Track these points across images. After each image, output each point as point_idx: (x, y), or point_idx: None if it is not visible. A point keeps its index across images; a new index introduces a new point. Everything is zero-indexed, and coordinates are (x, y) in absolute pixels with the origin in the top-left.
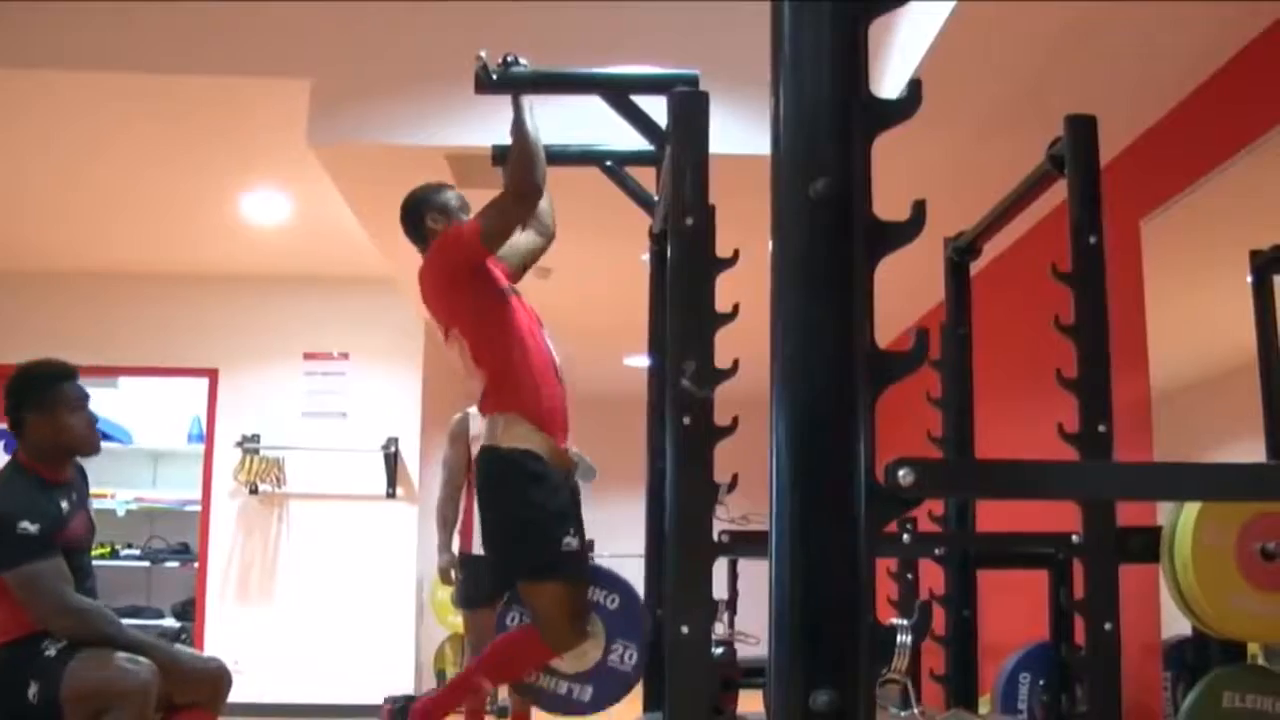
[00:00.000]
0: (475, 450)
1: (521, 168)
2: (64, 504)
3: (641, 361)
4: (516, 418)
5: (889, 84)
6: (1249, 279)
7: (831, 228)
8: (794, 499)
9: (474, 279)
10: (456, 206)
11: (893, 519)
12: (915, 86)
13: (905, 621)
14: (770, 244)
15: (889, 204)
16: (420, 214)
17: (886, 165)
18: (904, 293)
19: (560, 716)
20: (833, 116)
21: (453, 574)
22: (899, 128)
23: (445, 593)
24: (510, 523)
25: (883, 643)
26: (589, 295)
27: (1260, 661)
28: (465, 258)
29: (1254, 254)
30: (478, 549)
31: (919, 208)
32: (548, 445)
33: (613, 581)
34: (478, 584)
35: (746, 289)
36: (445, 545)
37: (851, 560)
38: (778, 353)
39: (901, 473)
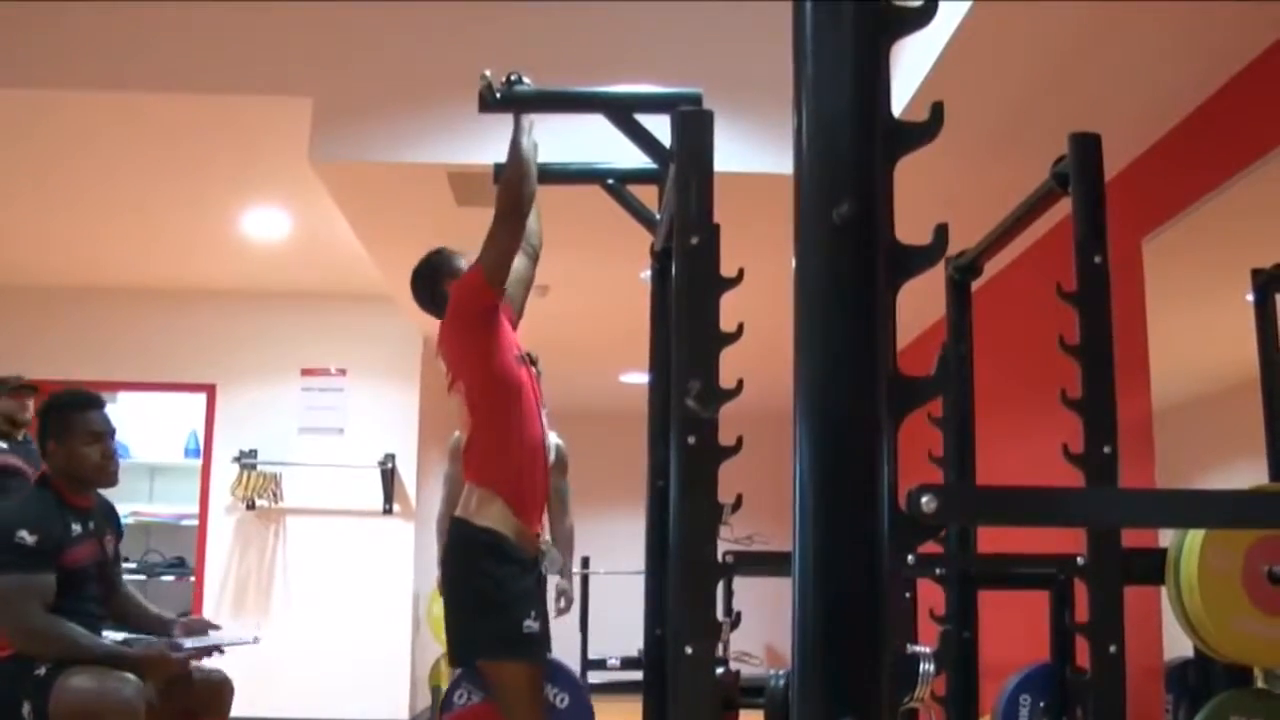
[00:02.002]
0: None
1: (507, 186)
2: (75, 526)
3: (638, 378)
4: (493, 495)
5: (893, 104)
6: (1250, 297)
7: (855, 252)
8: (817, 525)
9: (486, 327)
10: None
11: (916, 546)
12: (938, 109)
13: (927, 649)
14: (792, 267)
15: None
16: (437, 280)
17: None
18: (902, 310)
19: None
20: (855, 140)
21: None
22: None
23: (441, 608)
24: (474, 598)
25: (905, 671)
26: (586, 312)
27: (1261, 684)
28: (478, 302)
29: (1256, 272)
30: None
31: (941, 232)
32: (518, 530)
33: (565, 679)
34: None
35: (749, 307)
36: None
37: (875, 587)
38: (801, 379)
39: (924, 499)
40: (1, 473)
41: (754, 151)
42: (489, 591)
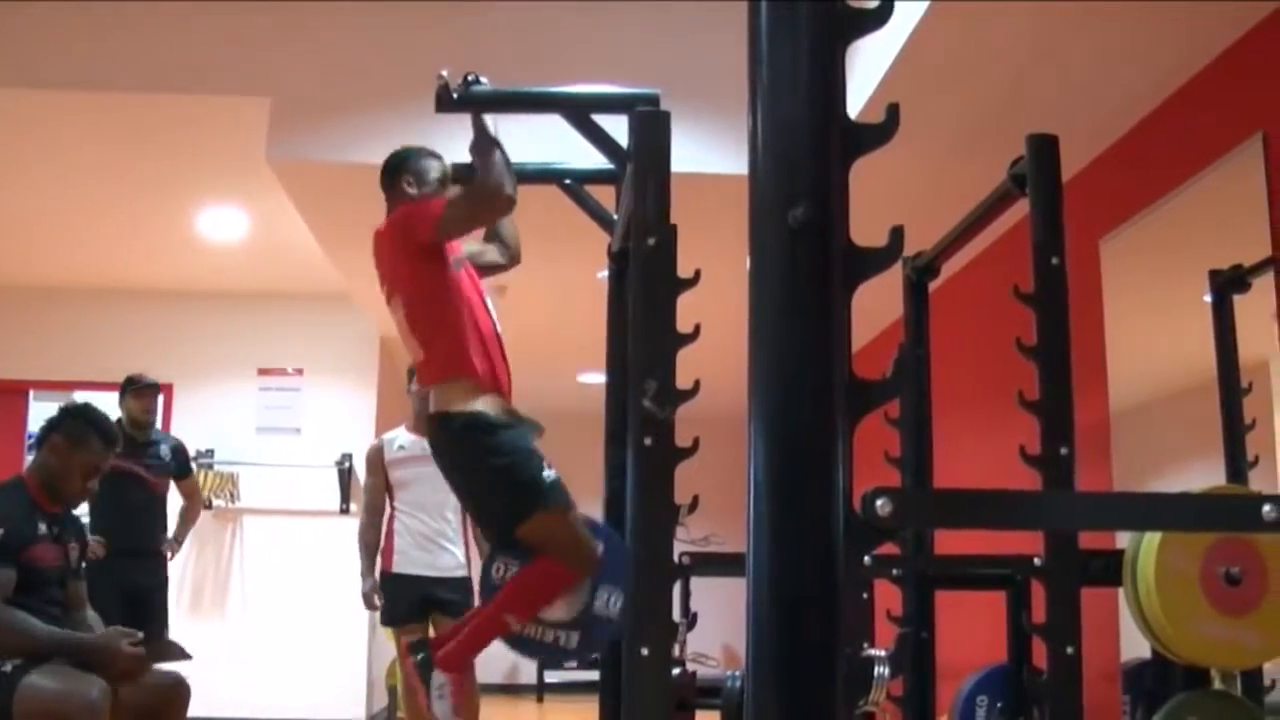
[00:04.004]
0: (391, 474)
1: (490, 174)
2: (41, 525)
3: (596, 379)
4: (461, 383)
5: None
6: (1207, 299)
7: (811, 254)
8: (772, 527)
9: (422, 255)
10: (436, 179)
11: (871, 549)
12: (893, 111)
13: (882, 652)
14: (747, 269)
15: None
16: (398, 172)
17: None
18: (859, 311)
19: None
20: (812, 142)
21: (375, 599)
22: None
23: None
24: (487, 475)
25: (860, 674)
26: (544, 312)
27: (1218, 685)
28: (419, 238)
29: (1214, 274)
30: (399, 568)
31: (896, 234)
32: (496, 403)
33: (594, 528)
34: (401, 602)
35: (706, 308)
36: (368, 571)
37: (829, 589)
38: (756, 380)
39: (879, 503)
40: (118, 476)
41: (712, 152)
42: (497, 461)
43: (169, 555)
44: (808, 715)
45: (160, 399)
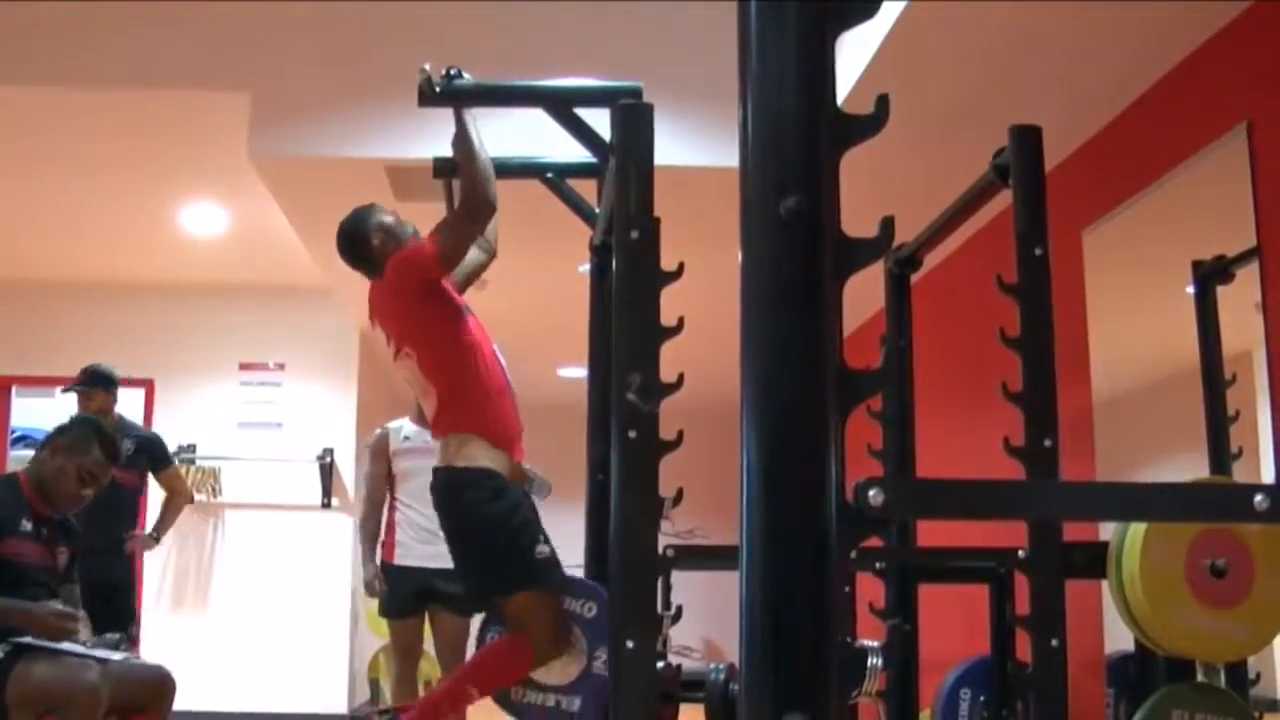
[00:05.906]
0: (395, 464)
1: (475, 183)
2: (26, 524)
3: (577, 373)
4: (470, 437)
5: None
6: (1190, 289)
7: (802, 245)
8: (764, 519)
9: (431, 298)
10: (395, 223)
11: (863, 539)
12: (883, 101)
13: (874, 643)
14: (733, 262)
15: None
16: (365, 235)
17: None
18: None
19: None
20: (802, 132)
21: (376, 585)
22: None
23: (376, 605)
24: (479, 540)
25: (853, 664)
26: (524, 306)
27: (1200, 677)
28: (423, 277)
29: (1196, 264)
30: (400, 560)
31: (887, 224)
32: (504, 461)
33: (589, 590)
34: (402, 594)
35: (689, 301)
36: (369, 558)
37: (822, 580)
38: (748, 372)
39: (871, 492)
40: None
41: (695, 146)
42: (492, 530)
43: (140, 551)
44: (801, 706)
45: (112, 397)
